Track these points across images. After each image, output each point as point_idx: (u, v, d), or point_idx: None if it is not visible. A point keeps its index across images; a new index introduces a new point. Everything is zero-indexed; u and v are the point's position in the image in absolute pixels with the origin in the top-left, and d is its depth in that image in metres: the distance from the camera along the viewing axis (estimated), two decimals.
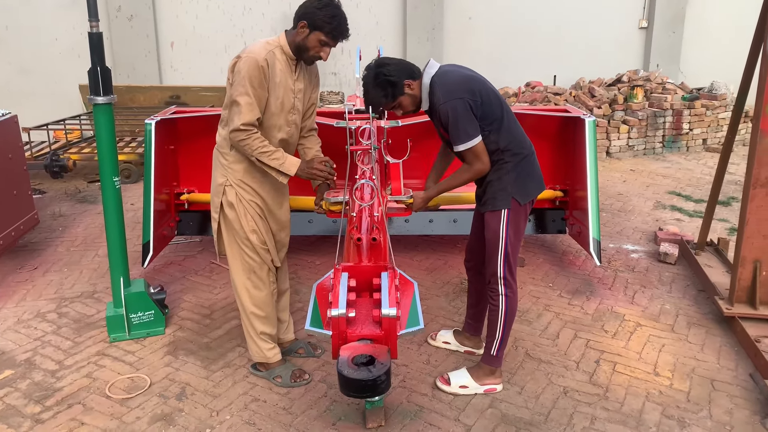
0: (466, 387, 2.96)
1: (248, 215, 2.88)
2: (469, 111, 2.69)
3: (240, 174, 2.84)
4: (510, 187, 2.80)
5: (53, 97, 8.36)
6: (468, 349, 3.33)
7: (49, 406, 2.88)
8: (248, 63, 2.63)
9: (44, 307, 3.88)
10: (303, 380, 3.04)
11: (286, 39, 2.77)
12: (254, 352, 3.07)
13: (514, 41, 9.71)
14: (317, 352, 3.31)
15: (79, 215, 5.75)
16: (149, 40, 8.71)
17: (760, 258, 3.47)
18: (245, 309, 3.00)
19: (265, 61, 2.66)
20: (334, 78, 9.53)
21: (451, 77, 2.77)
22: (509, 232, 2.83)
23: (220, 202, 2.88)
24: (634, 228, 5.38)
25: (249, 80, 2.63)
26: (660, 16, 10.06)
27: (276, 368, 3.07)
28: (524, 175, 2.84)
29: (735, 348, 3.37)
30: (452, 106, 2.68)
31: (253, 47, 2.70)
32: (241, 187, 2.85)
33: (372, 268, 2.36)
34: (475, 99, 2.71)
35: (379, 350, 2.11)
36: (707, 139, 8.63)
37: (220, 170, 2.89)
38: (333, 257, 4.65)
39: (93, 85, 3.15)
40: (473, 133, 2.71)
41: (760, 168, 3.35)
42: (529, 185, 2.87)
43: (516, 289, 2.94)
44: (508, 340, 2.99)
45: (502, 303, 2.89)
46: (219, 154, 2.89)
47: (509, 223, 2.82)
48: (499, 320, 2.91)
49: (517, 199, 2.81)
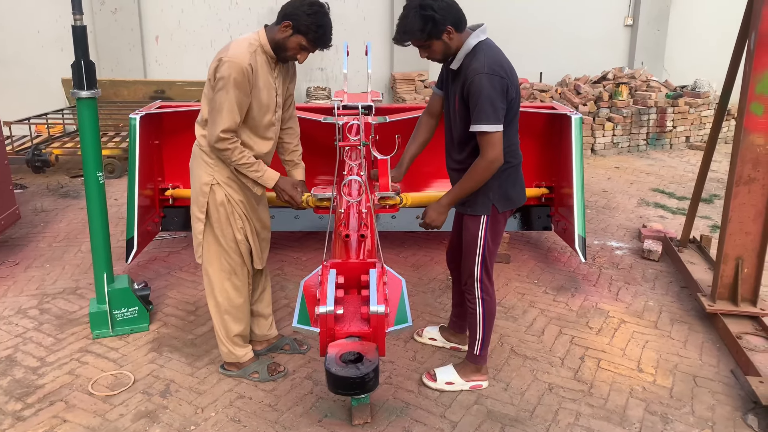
0: (452, 383, 2.97)
1: (236, 214, 2.84)
2: (504, 95, 2.52)
3: (228, 171, 2.79)
4: (492, 193, 2.73)
5: (35, 90, 8.23)
6: (454, 345, 3.34)
7: (30, 403, 2.84)
8: (232, 69, 2.53)
9: (26, 303, 3.82)
10: (280, 372, 3.03)
11: (266, 36, 2.67)
12: (225, 353, 3.04)
13: (501, 38, 9.62)
14: (303, 348, 3.30)
15: (61, 210, 5.67)
16: (134, 33, 8.60)
17: (742, 255, 3.51)
18: (220, 310, 2.96)
19: (250, 66, 2.58)
20: (320, 73, 9.49)
21: (501, 55, 2.58)
22: (487, 237, 2.79)
23: (206, 202, 2.80)
24: (619, 225, 5.42)
25: (234, 86, 2.55)
26: (645, 14, 10.13)
27: (250, 366, 3.04)
28: (508, 185, 2.77)
29: (717, 344, 3.41)
30: (493, 81, 2.47)
31: (237, 50, 2.58)
32: (229, 186, 2.80)
33: (360, 264, 2.35)
34: (512, 90, 2.57)
35: (367, 347, 2.10)
36: (690, 136, 8.72)
37: (204, 169, 2.80)
38: (319, 253, 4.64)
39: (77, 79, 3.10)
40: (499, 118, 2.52)
41: (743, 166, 3.38)
42: (512, 194, 2.80)
43: (493, 292, 2.92)
44: (490, 339, 2.99)
45: (479, 306, 2.88)
46: (201, 152, 2.80)
47: (488, 228, 2.78)
48: (478, 322, 2.91)
49: (497, 206, 2.76)
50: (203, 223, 2.85)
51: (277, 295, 3.96)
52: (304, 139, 3.12)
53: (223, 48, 2.66)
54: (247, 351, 3.07)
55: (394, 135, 3.31)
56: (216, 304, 2.96)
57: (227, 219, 2.83)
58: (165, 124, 4.30)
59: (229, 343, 3.01)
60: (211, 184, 2.79)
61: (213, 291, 2.95)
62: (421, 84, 9.07)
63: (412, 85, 9.08)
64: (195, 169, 2.86)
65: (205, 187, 2.80)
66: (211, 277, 2.94)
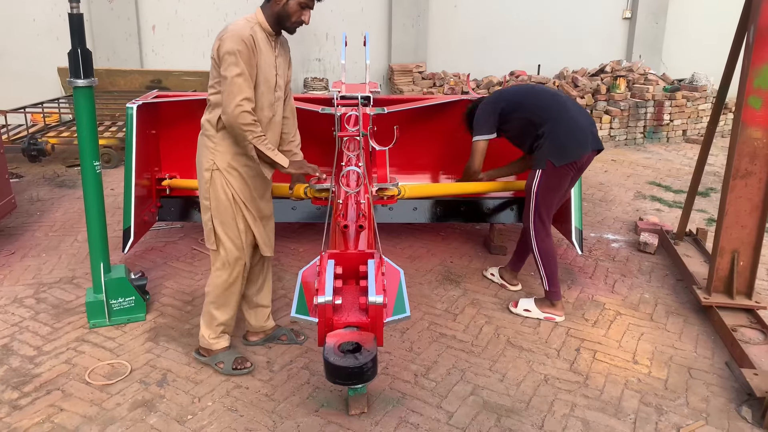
0: (530, 311, 3.57)
1: (236, 202, 2.82)
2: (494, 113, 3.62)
3: (229, 157, 2.77)
4: (546, 150, 3.36)
5: (30, 79, 8.16)
6: (503, 282, 3.94)
7: (27, 392, 2.84)
8: (234, 41, 2.57)
9: (22, 292, 3.82)
10: (245, 368, 2.99)
11: (263, 14, 2.71)
12: (203, 338, 3.04)
13: (499, 30, 9.69)
14: (300, 338, 3.30)
15: (57, 200, 5.65)
16: (130, 22, 8.54)
17: (738, 248, 3.52)
18: (212, 298, 2.96)
19: (250, 37, 2.61)
20: (318, 64, 9.45)
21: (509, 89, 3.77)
22: (539, 190, 3.41)
23: (209, 188, 2.80)
24: (615, 218, 5.43)
25: (240, 58, 2.58)
26: (643, 8, 10.10)
27: (218, 354, 3.03)
28: (558, 141, 3.34)
29: (712, 337, 3.43)
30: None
31: (235, 26, 2.64)
32: (229, 173, 2.78)
33: (358, 255, 2.34)
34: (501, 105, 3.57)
35: (365, 338, 2.10)
36: (687, 130, 8.73)
37: (206, 154, 2.80)
38: (316, 245, 4.64)
39: (73, 67, 3.08)
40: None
41: (740, 159, 3.39)
42: (565, 150, 3.34)
43: (545, 236, 3.49)
44: (555, 278, 3.52)
45: (534, 246, 3.50)
46: (205, 137, 2.82)
47: (540, 182, 3.41)
48: (536, 260, 3.54)
49: (552, 161, 3.32)
50: (209, 210, 2.84)
51: (275, 286, 3.95)
52: (302, 130, 3.11)
53: (222, 30, 2.69)
54: (221, 341, 3.04)
55: (392, 127, 3.31)
56: (210, 291, 2.97)
57: (227, 206, 2.81)
58: (162, 113, 4.28)
59: (211, 330, 3.01)
60: (211, 170, 2.78)
61: (212, 278, 2.96)
62: (419, 75, 9.03)
63: (409, 76, 9.05)
64: (199, 156, 2.86)
65: (207, 173, 2.80)
66: (213, 264, 2.94)
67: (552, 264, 3.52)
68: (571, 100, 3.61)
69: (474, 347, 3.29)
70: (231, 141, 2.77)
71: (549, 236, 3.53)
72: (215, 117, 2.75)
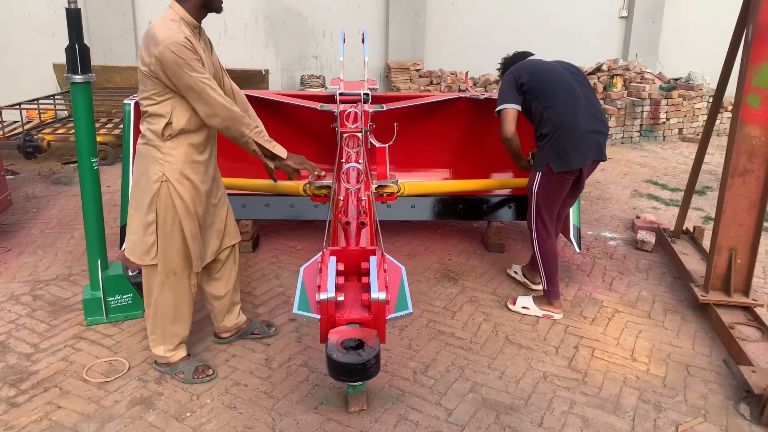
0: (528, 308, 3.59)
1: (183, 213, 2.69)
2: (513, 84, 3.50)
3: (179, 166, 2.64)
4: (545, 154, 3.37)
5: (26, 75, 8.12)
6: (526, 280, 3.96)
7: (24, 389, 2.83)
8: (176, 48, 2.43)
9: (18, 289, 3.80)
10: (206, 376, 2.91)
11: (182, 8, 2.57)
12: (158, 355, 2.94)
13: (496, 29, 9.70)
14: (272, 330, 3.31)
15: (53, 197, 5.63)
16: (126, 18, 8.50)
17: (736, 246, 3.53)
18: (158, 309, 2.85)
19: (186, 39, 2.47)
20: (315, 61, 9.43)
21: (527, 63, 3.61)
22: (539, 192, 3.45)
23: (154, 199, 2.65)
24: (612, 216, 5.44)
25: (190, 61, 2.46)
26: (640, 7, 10.14)
27: (178, 364, 2.95)
28: (558, 148, 3.33)
29: (709, 334, 3.44)
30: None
31: (163, 32, 2.46)
32: (180, 183, 2.65)
33: (360, 251, 2.34)
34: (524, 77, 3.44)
35: (368, 334, 2.09)
36: (683, 128, 8.75)
37: (153, 166, 2.63)
38: (314, 242, 4.63)
39: (71, 63, 3.05)
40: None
41: (739, 157, 3.40)
42: (564, 157, 3.33)
43: (546, 237, 3.53)
44: (555, 278, 3.55)
45: (535, 246, 3.55)
46: (151, 148, 2.64)
47: (540, 184, 3.43)
48: (537, 260, 3.56)
49: (551, 165, 3.34)
50: (153, 224, 2.69)
51: (272, 284, 3.95)
52: (299, 127, 3.10)
53: (147, 37, 2.52)
54: (178, 352, 2.96)
55: (390, 124, 3.30)
56: (153, 301, 2.83)
57: (174, 219, 2.68)
58: None
59: (160, 345, 2.91)
60: (160, 182, 2.64)
61: (150, 288, 2.82)
62: (416, 73, 9.03)
63: (407, 74, 9.05)
64: (143, 167, 2.69)
65: (155, 185, 2.64)
66: (149, 273, 2.81)
67: (552, 264, 3.54)
68: (589, 99, 3.43)
69: (472, 344, 3.29)
70: (183, 149, 2.65)
71: (551, 237, 3.55)
72: (159, 127, 2.60)
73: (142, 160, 2.70)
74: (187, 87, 2.52)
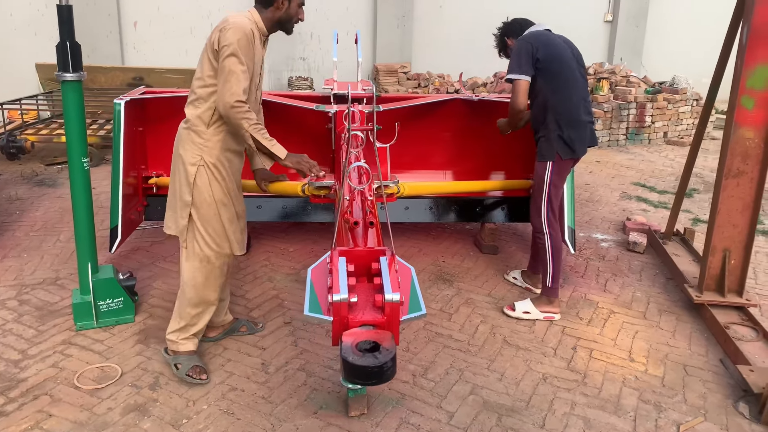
0: (528, 312, 3.53)
1: (221, 197, 2.78)
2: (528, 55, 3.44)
3: (217, 151, 2.75)
4: (555, 143, 3.39)
5: (6, 75, 7.96)
6: (528, 285, 3.90)
7: (13, 397, 2.74)
8: (238, 34, 2.59)
9: (3, 294, 3.69)
10: (200, 379, 2.85)
11: (260, 17, 2.75)
12: (170, 341, 2.95)
13: (484, 31, 9.66)
14: (258, 327, 3.31)
15: (37, 199, 5.50)
16: (111, 19, 8.39)
17: (730, 247, 3.55)
18: (189, 299, 2.87)
19: (252, 33, 2.65)
20: (302, 63, 9.38)
21: (538, 34, 3.68)
22: (552, 180, 3.42)
23: (192, 182, 2.74)
24: (603, 218, 5.47)
25: (241, 50, 2.59)
26: (624, 11, 10.25)
27: (180, 357, 2.93)
28: (565, 137, 3.38)
29: (705, 334, 3.46)
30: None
31: (236, 19, 2.64)
32: (216, 168, 2.75)
33: (369, 252, 2.28)
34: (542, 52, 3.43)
35: (382, 336, 2.04)
36: (668, 131, 8.85)
37: (192, 149, 2.74)
38: (306, 244, 4.58)
39: (62, 60, 2.98)
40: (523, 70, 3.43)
41: (733, 159, 3.42)
42: (571, 145, 3.40)
43: (557, 229, 3.52)
44: (559, 273, 3.54)
45: (547, 241, 3.48)
46: (192, 132, 2.74)
47: (553, 172, 3.42)
48: (547, 255, 3.50)
49: (560, 153, 3.38)
50: (189, 206, 2.77)
51: (266, 286, 3.90)
52: (292, 128, 3.05)
53: (221, 21, 2.68)
54: (187, 343, 2.95)
55: (386, 124, 3.27)
56: (184, 291, 2.88)
57: (211, 203, 2.76)
58: (149, 110, 4.18)
59: (183, 331, 2.93)
60: (197, 165, 2.73)
61: (185, 276, 2.86)
62: (404, 76, 9.02)
63: (394, 76, 9.03)
64: (181, 150, 2.78)
65: (192, 168, 2.74)
66: (186, 262, 2.85)
67: (560, 260, 3.54)
68: (583, 86, 3.56)
69: (471, 346, 3.27)
70: (222, 137, 2.74)
71: (557, 231, 3.55)
72: (207, 113, 2.71)
73: (182, 144, 2.79)
74: (222, 65, 2.61)
